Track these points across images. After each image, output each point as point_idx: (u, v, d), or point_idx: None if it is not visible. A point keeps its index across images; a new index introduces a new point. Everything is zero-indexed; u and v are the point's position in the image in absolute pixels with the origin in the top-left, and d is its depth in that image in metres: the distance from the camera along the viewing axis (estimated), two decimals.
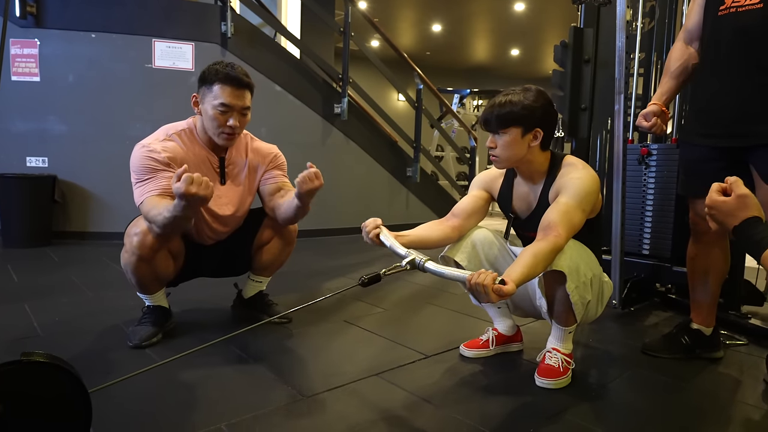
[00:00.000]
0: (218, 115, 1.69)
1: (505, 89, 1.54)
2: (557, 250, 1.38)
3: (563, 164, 1.53)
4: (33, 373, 0.83)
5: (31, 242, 3.48)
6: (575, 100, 2.52)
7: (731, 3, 1.54)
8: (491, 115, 1.49)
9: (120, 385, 1.13)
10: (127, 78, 3.76)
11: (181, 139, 1.75)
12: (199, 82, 1.73)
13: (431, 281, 2.93)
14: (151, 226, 1.62)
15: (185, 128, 1.78)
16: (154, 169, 1.65)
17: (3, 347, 1.68)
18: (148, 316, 1.82)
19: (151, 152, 1.66)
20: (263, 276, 2.06)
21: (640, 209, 2.42)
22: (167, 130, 1.76)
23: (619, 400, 1.49)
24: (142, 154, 1.66)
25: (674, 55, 1.75)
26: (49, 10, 3.60)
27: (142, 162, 1.65)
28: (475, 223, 1.68)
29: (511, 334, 1.78)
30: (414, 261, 1.34)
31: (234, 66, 1.71)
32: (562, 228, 1.38)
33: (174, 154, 1.70)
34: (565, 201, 1.43)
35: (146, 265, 1.71)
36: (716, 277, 1.75)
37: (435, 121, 5.96)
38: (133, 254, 1.67)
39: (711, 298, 1.77)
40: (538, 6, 8.40)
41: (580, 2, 2.45)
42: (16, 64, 3.60)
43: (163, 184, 1.63)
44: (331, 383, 1.48)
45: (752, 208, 0.99)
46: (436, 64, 11.96)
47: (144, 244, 1.65)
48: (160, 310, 1.85)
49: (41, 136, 3.67)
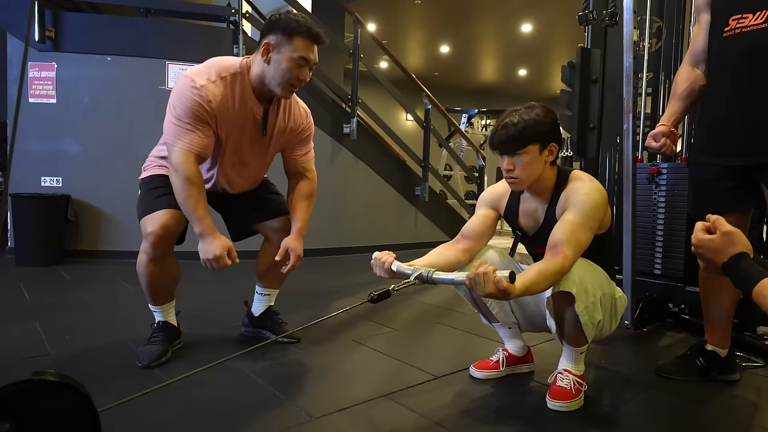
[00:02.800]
0: (294, 68, 1.65)
1: (507, 110, 1.54)
2: (563, 272, 1.37)
3: (570, 179, 1.53)
4: (44, 392, 0.83)
5: (43, 261, 3.52)
6: (583, 120, 2.53)
7: (736, 24, 1.56)
8: (506, 137, 1.47)
9: (129, 404, 1.13)
10: (141, 100, 3.84)
11: (231, 84, 1.69)
12: (271, 28, 1.66)
13: (440, 300, 2.91)
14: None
15: (237, 72, 1.70)
16: (199, 119, 1.63)
17: (14, 365, 1.69)
18: (158, 334, 1.82)
19: (202, 99, 1.62)
20: (270, 288, 2.06)
21: (651, 228, 2.40)
22: (219, 70, 1.68)
23: (633, 424, 1.45)
24: (193, 96, 1.61)
25: (681, 77, 1.77)
26: (67, 34, 3.70)
27: (190, 105, 1.61)
28: (485, 243, 1.67)
29: (522, 354, 1.76)
30: (422, 275, 1.33)
31: (315, 23, 1.68)
32: (569, 248, 1.37)
33: (220, 104, 1.66)
34: (572, 219, 1.42)
35: (159, 267, 1.75)
36: (730, 297, 1.73)
37: (443, 140, 5.99)
38: (144, 253, 1.72)
39: (725, 318, 1.74)
40: (546, 27, 8.50)
41: (587, 23, 2.48)
42: (34, 87, 3.69)
43: (197, 143, 1.63)
44: (340, 404, 1.47)
45: (738, 244, 0.99)
46: (445, 84, 12.07)
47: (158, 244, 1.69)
48: (169, 327, 1.85)
49: (56, 157, 3.74)
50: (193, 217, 1.64)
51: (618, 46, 2.26)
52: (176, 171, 1.63)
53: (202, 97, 1.63)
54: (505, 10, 7.77)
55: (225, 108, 1.68)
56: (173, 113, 1.64)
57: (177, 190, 1.64)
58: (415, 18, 8.57)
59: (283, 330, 2.02)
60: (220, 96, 1.66)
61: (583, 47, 2.57)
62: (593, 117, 2.53)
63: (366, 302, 1.32)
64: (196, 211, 1.63)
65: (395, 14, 8.27)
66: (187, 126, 1.62)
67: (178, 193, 1.64)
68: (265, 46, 1.67)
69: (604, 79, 2.55)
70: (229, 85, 1.69)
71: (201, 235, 1.64)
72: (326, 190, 4.51)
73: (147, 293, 1.81)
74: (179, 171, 1.62)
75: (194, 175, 1.63)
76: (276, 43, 1.66)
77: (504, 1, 7.38)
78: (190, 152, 1.63)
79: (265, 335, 2.03)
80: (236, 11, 3.97)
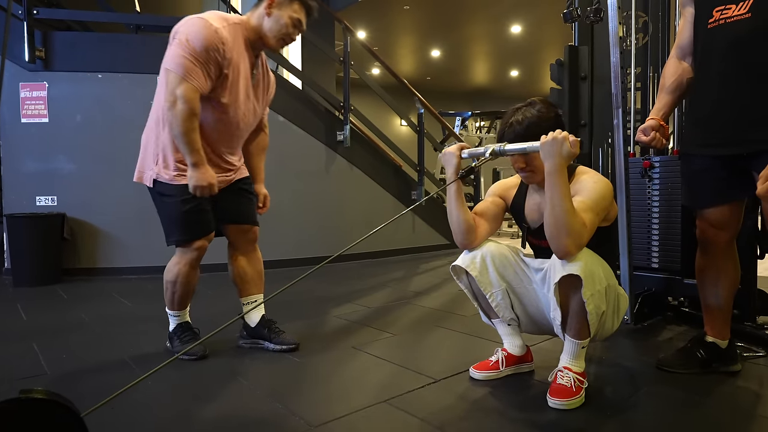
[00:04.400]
0: (290, 27, 1.85)
1: (509, 109, 1.60)
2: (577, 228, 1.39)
3: (576, 173, 1.57)
4: (32, 410, 0.82)
5: (41, 280, 3.50)
6: (574, 117, 2.54)
7: (720, 15, 1.57)
8: (514, 136, 1.54)
9: (122, 417, 1.12)
10: (133, 116, 3.81)
11: (234, 30, 1.81)
12: None
13: (439, 304, 2.90)
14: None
15: (238, 22, 1.85)
16: (212, 59, 1.73)
17: (9, 386, 1.67)
18: (188, 333, 1.99)
19: (218, 40, 1.73)
20: (252, 295, 2.08)
21: (647, 222, 2.40)
22: (225, 17, 1.82)
23: (635, 418, 1.44)
24: (210, 34, 1.72)
25: (668, 71, 1.77)
26: (57, 53, 3.71)
27: (207, 44, 1.71)
28: (491, 230, 1.70)
29: (521, 354, 1.75)
30: (494, 150, 1.50)
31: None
32: (583, 217, 1.41)
33: (231, 47, 1.78)
34: (581, 200, 1.46)
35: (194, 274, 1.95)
36: (727, 287, 1.72)
37: (438, 144, 6.00)
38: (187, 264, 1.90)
39: (724, 309, 1.74)
40: (535, 27, 8.54)
41: (572, 20, 2.49)
42: (26, 107, 3.70)
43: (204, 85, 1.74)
44: (339, 412, 1.46)
45: None
46: (437, 88, 12.11)
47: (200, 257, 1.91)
48: (191, 327, 2.03)
49: (50, 176, 3.74)
50: (191, 148, 1.74)
51: (605, 42, 2.27)
52: (183, 103, 1.70)
53: (219, 38, 1.73)
54: (494, 12, 7.80)
55: (233, 51, 1.80)
56: (186, 48, 1.70)
57: (179, 120, 1.71)
58: (405, 24, 8.61)
59: (280, 338, 2.02)
60: (231, 39, 1.78)
61: (570, 45, 2.58)
62: (584, 114, 2.53)
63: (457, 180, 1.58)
64: (195, 142, 1.74)
65: (385, 21, 8.31)
66: (199, 64, 1.71)
67: (180, 123, 1.71)
68: (269, 1, 1.84)
69: (593, 75, 2.56)
70: (233, 32, 1.81)
71: (196, 165, 1.76)
72: (322, 198, 4.53)
73: (178, 300, 1.96)
74: (186, 105, 1.70)
75: (198, 110, 1.74)
76: (279, 1, 1.84)
77: (493, 3, 7.42)
78: (197, 91, 1.72)
79: (263, 345, 2.03)
80: None
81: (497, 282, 1.64)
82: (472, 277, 1.63)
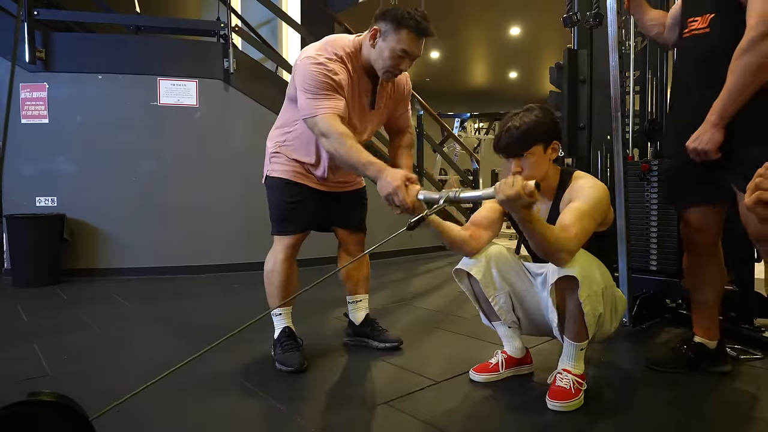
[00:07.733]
0: (394, 58, 1.74)
1: (506, 114, 1.60)
2: (568, 245, 1.39)
3: (573, 178, 1.58)
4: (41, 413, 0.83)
5: (41, 281, 3.50)
6: (573, 120, 2.55)
7: (690, 27, 1.65)
8: (511, 140, 1.53)
9: (130, 419, 1.13)
10: (134, 116, 3.85)
11: (346, 61, 1.79)
12: (383, 16, 1.75)
13: (439, 305, 2.91)
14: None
15: (351, 50, 1.81)
16: (332, 87, 1.71)
17: (12, 387, 1.68)
18: (290, 342, 1.89)
19: (329, 72, 1.71)
20: (356, 294, 2.14)
21: (645, 225, 2.42)
22: (335, 48, 1.78)
23: (634, 420, 1.46)
24: (318, 71, 1.70)
25: None
26: (58, 55, 3.71)
27: (320, 78, 1.70)
28: (491, 236, 1.70)
29: (521, 356, 1.76)
30: (449, 196, 1.41)
31: (425, 16, 1.74)
32: (577, 228, 1.41)
33: (342, 77, 1.76)
34: (578, 206, 1.47)
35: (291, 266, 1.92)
36: (713, 288, 1.75)
37: (437, 145, 6.02)
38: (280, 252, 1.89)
39: (711, 310, 1.76)
40: (534, 29, 8.56)
41: (572, 25, 2.50)
42: (26, 108, 3.70)
43: (340, 106, 1.72)
44: (340, 413, 1.47)
45: None
46: (436, 89, 12.12)
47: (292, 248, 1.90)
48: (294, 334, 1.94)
49: (50, 177, 3.74)
50: (360, 165, 1.65)
51: (604, 46, 2.28)
52: (328, 137, 1.67)
53: (330, 70, 1.72)
54: (494, 15, 7.83)
55: (345, 82, 1.77)
56: (305, 91, 1.71)
57: (334, 152, 1.68)
58: None
59: (383, 337, 2.09)
60: (340, 71, 1.76)
61: (570, 48, 2.59)
62: (583, 117, 2.54)
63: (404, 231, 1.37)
64: (360, 158, 1.64)
65: None
66: (322, 95, 1.70)
67: (336, 154, 1.67)
68: (373, 32, 1.76)
69: (592, 79, 2.57)
70: (346, 63, 1.79)
71: (376, 176, 1.62)
72: None
73: (278, 294, 1.89)
74: (331, 135, 1.66)
75: (345, 130, 1.68)
76: (384, 31, 1.74)
77: (492, 6, 7.44)
78: (333, 115, 1.69)
79: (367, 343, 2.10)
80: (225, 25, 4.00)
81: (500, 285, 1.65)
82: (474, 279, 1.64)
